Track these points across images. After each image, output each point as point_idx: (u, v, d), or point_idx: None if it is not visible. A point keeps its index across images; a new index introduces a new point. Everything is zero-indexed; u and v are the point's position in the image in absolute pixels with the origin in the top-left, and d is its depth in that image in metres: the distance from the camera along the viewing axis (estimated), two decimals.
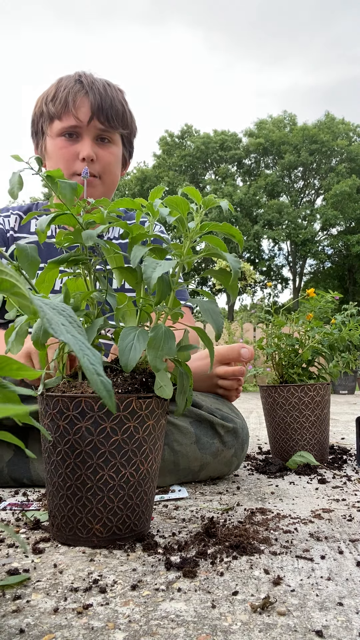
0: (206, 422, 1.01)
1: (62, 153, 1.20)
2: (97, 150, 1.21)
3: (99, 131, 1.21)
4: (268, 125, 27.21)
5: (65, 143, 1.20)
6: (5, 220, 1.29)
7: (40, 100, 1.24)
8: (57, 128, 1.20)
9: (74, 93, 1.19)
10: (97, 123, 1.20)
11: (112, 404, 0.40)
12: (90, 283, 0.73)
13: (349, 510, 0.83)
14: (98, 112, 1.19)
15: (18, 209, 1.33)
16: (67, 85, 1.20)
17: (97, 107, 1.19)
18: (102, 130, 1.21)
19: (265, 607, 0.47)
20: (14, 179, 0.69)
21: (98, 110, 1.19)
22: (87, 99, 1.19)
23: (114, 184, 1.29)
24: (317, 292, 1.38)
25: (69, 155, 1.20)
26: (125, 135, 1.29)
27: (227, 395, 1.15)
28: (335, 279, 26.72)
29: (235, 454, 1.04)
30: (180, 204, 0.66)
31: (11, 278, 0.37)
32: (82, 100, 1.19)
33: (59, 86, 1.21)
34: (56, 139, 1.21)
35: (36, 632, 0.43)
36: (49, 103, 1.21)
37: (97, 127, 1.20)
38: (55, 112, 1.19)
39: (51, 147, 1.22)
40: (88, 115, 1.19)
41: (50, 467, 0.66)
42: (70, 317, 0.40)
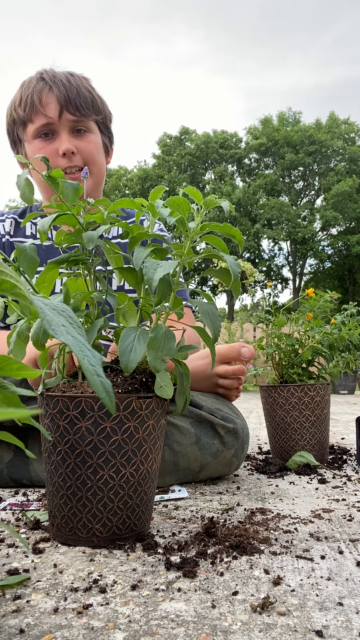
0: (206, 423, 1.01)
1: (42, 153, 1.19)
2: (76, 143, 1.20)
3: (72, 123, 1.19)
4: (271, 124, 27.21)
5: (42, 144, 1.19)
6: (0, 225, 1.28)
7: (9, 108, 1.23)
8: (31, 131, 1.19)
9: (39, 91, 1.17)
10: (68, 115, 1.18)
11: (111, 405, 0.40)
12: (90, 283, 0.73)
13: (349, 510, 0.83)
14: (66, 104, 1.17)
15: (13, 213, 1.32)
16: (30, 85, 1.19)
17: (64, 100, 1.17)
18: (75, 121, 1.20)
19: (265, 607, 0.47)
20: (21, 182, 0.69)
21: (66, 102, 1.17)
22: (53, 94, 1.17)
23: (101, 173, 1.27)
24: (317, 292, 1.38)
25: (49, 153, 1.19)
26: (100, 121, 1.27)
27: (228, 395, 1.15)
28: (335, 279, 26.73)
29: (236, 454, 1.04)
30: (181, 204, 0.66)
31: (11, 279, 0.37)
32: (48, 96, 1.17)
33: (23, 89, 1.20)
34: (33, 142, 1.20)
35: (36, 632, 0.43)
36: (17, 109, 1.20)
37: (70, 119, 1.19)
38: (25, 115, 1.18)
39: (30, 151, 1.21)
40: (57, 110, 1.17)
41: (50, 467, 0.66)
42: (70, 317, 0.40)
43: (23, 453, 0.96)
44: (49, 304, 0.39)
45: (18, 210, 1.34)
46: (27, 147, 1.22)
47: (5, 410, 0.20)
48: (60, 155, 1.18)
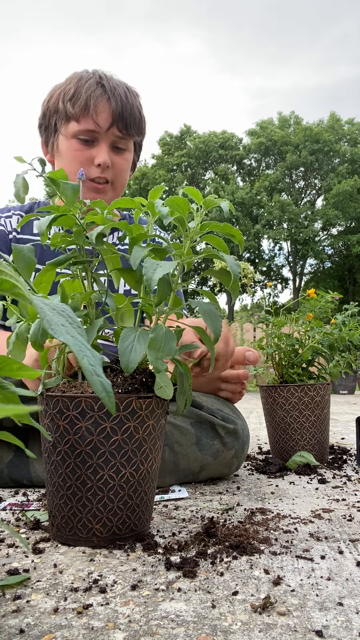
0: (207, 423, 1.01)
1: (76, 156, 1.19)
2: (112, 157, 1.21)
3: (116, 138, 1.20)
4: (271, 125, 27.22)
5: (80, 146, 1.19)
6: (7, 222, 1.27)
7: (57, 96, 1.21)
8: (74, 130, 1.18)
9: (96, 97, 1.16)
10: (115, 130, 1.19)
11: (111, 405, 0.40)
12: (88, 284, 0.73)
13: (349, 510, 0.83)
14: (118, 120, 1.18)
15: (19, 209, 1.31)
16: (88, 86, 1.17)
17: (117, 115, 1.18)
18: (119, 137, 1.21)
19: (265, 607, 0.47)
20: (19, 182, 0.69)
21: (119, 117, 1.18)
22: (109, 105, 1.17)
23: (123, 188, 1.29)
24: (317, 293, 1.38)
25: (84, 159, 1.19)
26: (138, 141, 1.29)
27: (230, 398, 1.15)
28: (336, 279, 26.73)
29: (236, 455, 1.04)
30: (181, 204, 0.66)
31: (11, 279, 0.37)
32: (104, 105, 1.17)
33: (78, 85, 1.18)
34: (71, 140, 1.19)
35: (36, 632, 0.43)
36: (67, 102, 1.18)
37: (115, 134, 1.20)
38: (74, 113, 1.17)
39: (64, 148, 1.20)
40: (108, 122, 1.18)
41: (50, 467, 0.66)
42: (70, 317, 0.40)
43: (23, 453, 0.96)
44: (49, 303, 0.39)
45: (25, 205, 1.33)
46: (61, 140, 1.21)
47: (3, 406, 0.20)
48: (95, 165, 1.19)
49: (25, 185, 0.69)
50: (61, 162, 1.23)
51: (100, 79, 1.20)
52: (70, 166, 1.19)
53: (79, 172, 0.80)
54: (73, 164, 1.19)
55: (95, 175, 1.20)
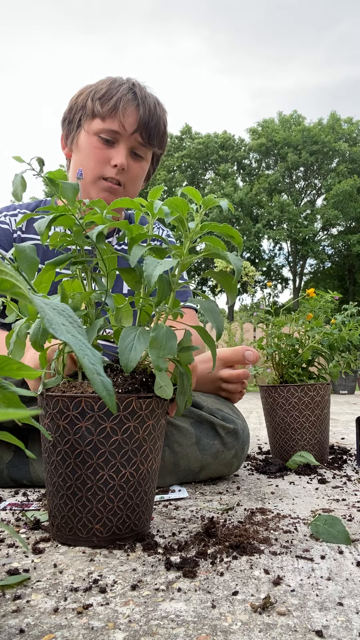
0: (207, 423, 1.01)
1: (94, 153, 1.20)
2: (130, 162, 1.22)
3: (136, 144, 1.22)
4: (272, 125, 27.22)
5: (100, 145, 1.20)
6: (12, 220, 1.27)
7: (87, 93, 1.23)
8: (97, 127, 1.20)
9: (126, 101, 1.19)
10: (138, 137, 1.21)
11: (112, 404, 0.40)
12: (88, 284, 0.73)
13: (349, 510, 0.83)
14: (143, 127, 1.20)
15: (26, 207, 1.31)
16: (120, 90, 1.20)
17: (143, 124, 1.20)
18: (140, 144, 1.23)
19: (265, 607, 0.47)
20: (17, 181, 0.69)
21: (144, 126, 1.20)
22: (137, 112, 1.20)
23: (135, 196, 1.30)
24: (317, 292, 1.38)
25: (102, 157, 1.20)
26: (156, 154, 1.32)
27: (231, 398, 1.15)
28: (336, 279, 26.74)
29: (236, 455, 1.04)
30: (180, 205, 0.66)
31: (11, 278, 0.37)
32: (132, 110, 1.19)
33: (111, 87, 1.21)
34: (92, 137, 1.21)
35: (36, 632, 0.43)
36: (96, 100, 1.20)
37: (137, 140, 1.22)
38: (101, 111, 1.19)
39: (84, 143, 1.22)
40: (133, 127, 1.20)
41: (50, 467, 0.66)
42: (70, 317, 0.40)
43: (23, 453, 0.96)
44: (49, 303, 0.39)
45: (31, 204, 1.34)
46: (82, 136, 1.23)
47: (5, 410, 0.20)
48: (111, 165, 1.20)
49: (23, 184, 0.69)
50: (78, 157, 1.24)
51: (133, 86, 1.23)
52: (87, 162, 1.21)
53: (78, 171, 0.80)
54: (90, 161, 1.21)
55: (110, 175, 1.21)
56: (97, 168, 1.20)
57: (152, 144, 1.24)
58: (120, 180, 1.22)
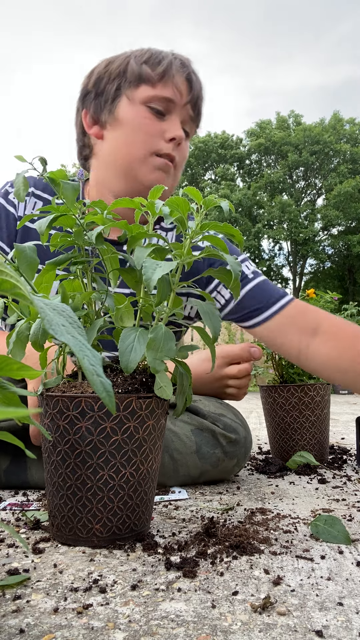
0: (208, 431, 0.98)
1: (145, 124, 1.01)
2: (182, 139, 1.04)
3: (187, 118, 1.06)
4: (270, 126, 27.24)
5: (150, 115, 1.02)
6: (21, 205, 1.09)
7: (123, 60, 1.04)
8: (146, 94, 1.01)
9: (177, 67, 1.02)
10: (189, 109, 1.05)
11: (112, 405, 0.40)
12: (88, 284, 0.73)
13: (349, 510, 0.83)
14: (194, 101, 1.05)
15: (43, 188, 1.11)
16: (165, 55, 1.03)
17: (196, 94, 1.05)
18: (190, 118, 1.07)
19: (265, 607, 0.47)
20: (19, 180, 0.69)
21: (195, 99, 1.05)
22: (187, 84, 1.03)
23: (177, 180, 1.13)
24: (317, 293, 1.38)
25: (154, 130, 1.02)
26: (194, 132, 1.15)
27: (237, 394, 1.14)
28: (336, 279, 26.74)
29: (237, 463, 1.02)
30: (181, 204, 0.66)
31: (11, 279, 0.37)
32: (183, 82, 1.03)
33: (154, 52, 1.03)
34: (139, 107, 1.02)
35: (36, 632, 0.43)
36: (141, 63, 1.02)
37: (188, 113, 1.06)
38: (150, 75, 1.00)
39: (130, 115, 1.02)
40: (187, 96, 1.03)
41: (50, 467, 0.66)
42: (70, 317, 0.40)
43: (21, 460, 0.95)
44: (50, 303, 0.39)
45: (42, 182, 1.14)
46: (124, 107, 1.03)
47: (5, 409, 0.20)
48: (166, 139, 1.03)
49: (25, 183, 0.69)
50: (121, 133, 1.04)
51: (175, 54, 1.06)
52: (136, 135, 1.02)
53: (79, 172, 0.80)
54: (139, 134, 1.02)
55: (165, 150, 1.03)
56: (150, 142, 1.02)
57: (198, 120, 1.09)
58: (174, 156, 1.04)
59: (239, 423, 1.03)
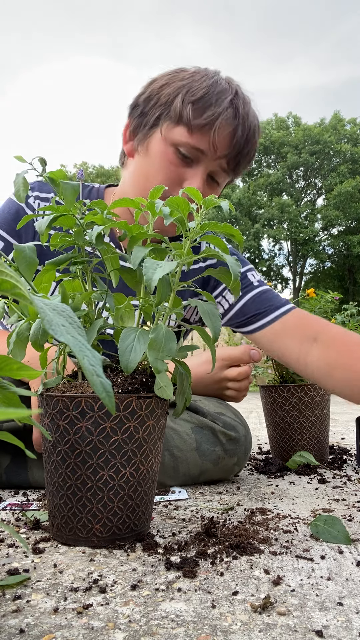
0: (208, 429, 1.00)
1: (168, 168, 0.98)
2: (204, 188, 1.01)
3: (218, 169, 1.00)
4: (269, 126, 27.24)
5: (176, 159, 0.97)
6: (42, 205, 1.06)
7: (177, 88, 0.97)
8: (180, 139, 0.96)
9: (226, 119, 0.95)
10: (223, 162, 0.99)
11: (111, 405, 0.40)
12: (88, 284, 0.73)
13: (349, 510, 0.83)
14: (233, 156, 0.99)
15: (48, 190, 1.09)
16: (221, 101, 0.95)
17: (237, 149, 0.98)
18: (223, 170, 1.01)
19: (265, 607, 0.47)
20: (19, 181, 0.69)
21: (234, 153, 0.99)
22: (234, 134, 0.97)
23: None
24: (317, 293, 1.38)
25: (175, 176, 0.98)
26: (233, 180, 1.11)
27: (236, 397, 1.14)
28: (336, 279, 26.75)
29: (238, 462, 1.03)
30: (181, 204, 0.66)
31: (11, 279, 0.37)
32: (228, 132, 0.96)
33: (210, 92, 0.95)
34: (169, 147, 0.97)
35: (36, 632, 0.43)
36: (188, 104, 0.94)
37: (221, 166, 1.00)
38: (193, 121, 0.94)
39: (158, 151, 0.99)
40: (223, 152, 0.98)
41: (50, 467, 0.66)
42: (70, 317, 0.40)
43: (21, 459, 0.95)
44: (49, 304, 0.39)
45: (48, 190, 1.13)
46: (156, 140, 0.99)
47: (5, 410, 0.20)
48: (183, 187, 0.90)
49: (24, 184, 0.69)
50: (145, 164, 1.01)
51: (236, 96, 0.98)
52: (155, 174, 0.99)
53: (79, 172, 0.80)
54: (159, 175, 0.98)
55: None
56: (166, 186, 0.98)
57: (236, 172, 1.03)
58: None
59: (238, 422, 1.04)
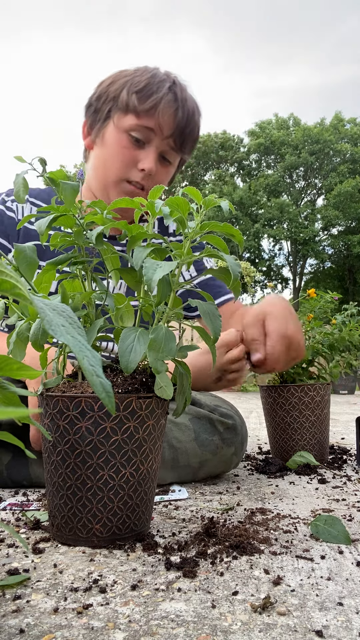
0: (205, 419, 1.02)
1: (122, 152, 1.11)
2: (157, 166, 1.13)
3: (167, 149, 1.14)
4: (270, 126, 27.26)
5: (128, 143, 1.11)
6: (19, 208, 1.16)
7: (122, 83, 1.12)
8: (129, 124, 1.10)
9: (167, 102, 1.09)
10: (171, 142, 1.13)
11: (111, 405, 0.40)
12: (88, 284, 0.73)
13: (349, 510, 0.83)
14: (178, 134, 1.12)
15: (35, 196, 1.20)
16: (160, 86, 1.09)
17: (179, 129, 1.11)
18: (171, 149, 1.14)
19: (265, 607, 0.47)
20: (19, 182, 0.69)
21: (179, 132, 1.12)
22: (175, 115, 1.10)
23: None
24: (317, 293, 1.38)
25: (129, 159, 1.11)
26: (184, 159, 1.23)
27: (237, 379, 1.13)
28: (336, 279, 26.75)
29: (235, 452, 1.05)
30: (181, 204, 0.66)
31: (11, 279, 0.37)
32: (171, 114, 1.10)
33: (150, 82, 1.10)
34: (121, 134, 1.11)
35: (36, 632, 0.43)
36: (132, 93, 1.08)
37: (169, 145, 1.13)
38: (137, 106, 1.08)
39: (112, 139, 1.12)
40: (169, 131, 1.11)
41: (50, 467, 0.66)
42: (70, 317, 0.40)
43: (22, 455, 0.96)
44: (49, 304, 0.39)
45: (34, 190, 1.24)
46: (110, 131, 1.13)
47: (5, 409, 0.20)
48: (139, 169, 1.11)
49: (25, 184, 0.69)
50: (103, 153, 1.15)
51: (174, 84, 1.12)
52: (113, 161, 1.12)
53: (79, 172, 0.80)
54: (115, 160, 1.12)
55: (135, 179, 1.12)
56: (123, 169, 1.12)
57: (184, 151, 1.17)
58: (144, 185, 1.13)
59: (234, 412, 1.08)
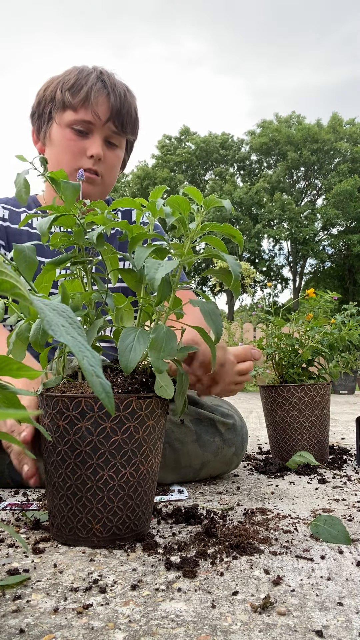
0: (206, 420, 1.03)
1: (69, 145, 1.19)
2: (105, 151, 1.21)
3: (110, 133, 1.21)
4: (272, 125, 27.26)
5: (73, 136, 1.18)
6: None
7: (55, 85, 1.21)
8: (69, 119, 1.18)
9: (97, 90, 1.17)
10: (111, 125, 1.20)
11: (111, 406, 0.40)
12: (88, 284, 0.73)
13: (349, 510, 0.83)
14: (116, 115, 1.19)
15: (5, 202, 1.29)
16: (88, 79, 1.18)
17: (116, 111, 1.19)
18: (114, 133, 1.21)
19: (265, 607, 0.47)
20: (20, 181, 0.68)
21: (116, 113, 1.19)
22: (108, 100, 1.18)
23: (112, 185, 1.30)
24: (317, 293, 1.38)
25: (77, 149, 1.19)
26: (130, 141, 1.30)
27: (237, 389, 1.16)
28: (336, 279, 26.74)
29: (236, 452, 1.06)
30: (182, 204, 0.66)
31: (11, 279, 0.37)
32: (103, 99, 1.18)
33: (79, 77, 1.18)
34: (65, 130, 1.19)
35: (36, 632, 0.43)
36: (65, 91, 1.18)
37: (111, 129, 1.20)
38: (72, 102, 1.17)
39: (57, 136, 1.20)
40: (106, 116, 1.18)
41: (50, 467, 0.66)
42: (70, 318, 0.40)
43: None
44: (49, 304, 0.39)
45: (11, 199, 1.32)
46: (55, 129, 1.21)
47: (5, 410, 0.20)
48: (87, 156, 1.19)
49: (26, 185, 0.69)
50: (53, 151, 1.22)
51: (101, 74, 1.20)
52: (63, 155, 1.19)
53: (79, 172, 0.80)
54: (65, 154, 1.19)
55: (87, 166, 1.20)
56: (74, 160, 1.19)
57: (125, 132, 1.23)
58: (97, 170, 1.20)
59: (234, 412, 1.10)
